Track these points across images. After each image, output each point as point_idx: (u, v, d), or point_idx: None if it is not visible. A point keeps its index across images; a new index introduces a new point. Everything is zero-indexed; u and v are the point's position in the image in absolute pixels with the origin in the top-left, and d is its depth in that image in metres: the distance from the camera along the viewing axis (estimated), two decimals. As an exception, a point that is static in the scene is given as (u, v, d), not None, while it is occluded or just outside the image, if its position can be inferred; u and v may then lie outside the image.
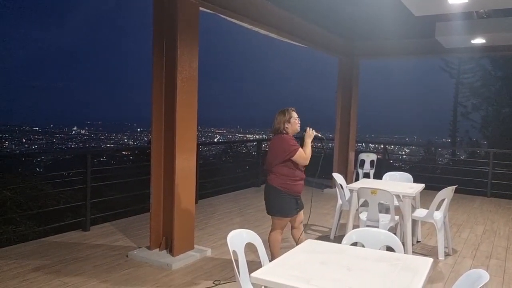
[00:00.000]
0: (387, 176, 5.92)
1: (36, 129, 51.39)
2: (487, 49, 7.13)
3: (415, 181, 5.69)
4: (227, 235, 2.67)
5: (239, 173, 11.34)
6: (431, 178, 9.39)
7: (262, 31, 6.16)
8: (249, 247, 2.78)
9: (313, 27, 7.31)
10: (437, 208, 4.85)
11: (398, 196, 4.70)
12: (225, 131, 58.86)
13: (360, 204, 4.83)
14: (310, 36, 7.34)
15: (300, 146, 3.86)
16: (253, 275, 2.22)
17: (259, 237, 2.85)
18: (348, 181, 7.65)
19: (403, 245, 2.89)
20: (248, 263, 2.74)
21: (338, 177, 5.50)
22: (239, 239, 2.74)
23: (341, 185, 5.44)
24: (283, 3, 6.13)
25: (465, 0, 4.05)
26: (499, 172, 9.06)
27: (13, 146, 39.44)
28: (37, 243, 4.89)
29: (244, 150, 13.82)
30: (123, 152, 15.96)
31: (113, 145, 44.05)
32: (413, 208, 4.99)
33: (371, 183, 5.37)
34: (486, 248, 5.21)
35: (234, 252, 2.63)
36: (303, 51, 8.72)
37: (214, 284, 3.90)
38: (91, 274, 4.01)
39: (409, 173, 5.93)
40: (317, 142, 4.24)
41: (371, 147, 12.08)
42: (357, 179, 8.44)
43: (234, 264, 2.55)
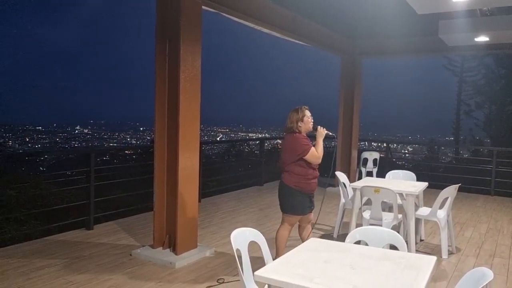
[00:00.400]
0: (390, 174, 5.91)
1: (40, 129, 51.58)
2: (490, 47, 7.11)
3: (418, 179, 5.67)
4: (230, 234, 2.68)
5: (241, 172, 11.35)
6: (434, 177, 9.36)
7: (265, 30, 6.16)
8: (252, 245, 2.78)
9: (316, 26, 7.30)
10: (441, 207, 4.84)
11: (401, 195, 4.69)
12: (227, 130, 58.91)
13: (363, 202, 4.83)
14: (313, 35, 7.33)
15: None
16: (257, 273, 2.22)
17: (262, 236, 2.86)
18: (351, 180, 7.65)
19: (406, 243, 2.88)
20: (252, 261, 2.74)
21: (341, 176, 5.50)
22: (242, 237, 2.74)
23: (344, 184, 5.44)
24: (285, 1, 6.13)
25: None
26: (502, 171, 9.03)
27: (17, 146, 39.59)
28: (41, 241, 4.91)
29: (247, 149, 13.83)
30: (125, 151, 16.00)
31: (116, 144, 44.18)
32: (416, 207, 4.98)
33: (374, 181, 5.37)
34: (490, 247, 5.20)
35: (238, 251, 2.64)
36: (306, 49, 8.73)
37: (218, 282, 3.91)
38: (95, 273, 4.03)
39: (412, 171, 5.92)
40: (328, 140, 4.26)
41: (374, 145, 12.05)
42: (360, 177, 8.44)
43: (238, 262, 2.56)
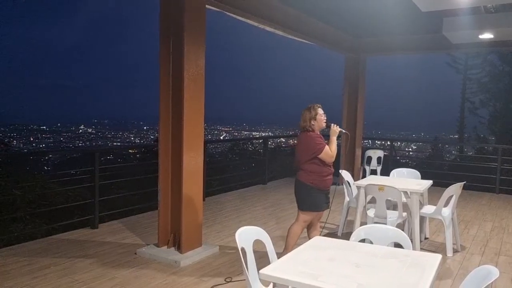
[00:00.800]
0: (395, 172, 5.90)
1: (44, 128, 51.81)
2: (495, 44, 7.07)
3: (423, 177, 5.66)
4: (234, 232, 2.68)
5: (245, 170, 11.34)
6: (438, 175, 9.33)
7: (268, 29, 6.15)
8: (257, 244, 2.78)
9: (320, 24, 7.29)
10: (445, 205, 4.82)
11: (405, 193, 4.68)
12: (231, 128, 58.92)
13: (367, 201, 4.82)
14: (317, 33, 7.32)
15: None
16: (262, 271, 2.23)
17: (267, 234, 2.86)
18: (355, 178, 7.63)
19: (411, 241, 2.88)
20: (256, 260, 2.74)
21: (345, 174, 5.49)
22: (247, 236, 2.74)
23: (348, 182, 5.43)
24: (289, 0, 6.11)
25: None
26: (508, 168, 9.00)
27: (21, 145, 39.78)
28: (46, 240, 4.94)
29: (251, 147, 13.81)
30: (130, 150, 16.03)
31: (119, 143, 44.30)
32: (421, 205, 4.97)
33: (379, 179, 5.36)
34: (495, 245, 5.18)
35: (243, 249, 2.64)
36: (310, 48, 8.72)
37: (226, 281, 3.91)
38: (100, 271, 4.04)
39: (416, 169, 5.91)
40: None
41: (378, 143, 12.01)
42: (364, 176, 8.43)
43: (243, 260, 2.56)
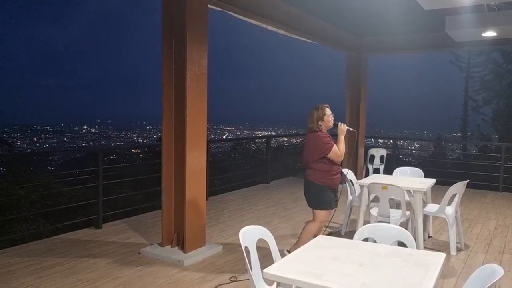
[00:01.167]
0: (398, 171, 5.89)
1: (47, 128, 52.00)
2: (498, 42, 7.05)
3: (426, 176, 5.65)
4: (238, 232, 2.69)
5: (248, 170, 11.35)
6: (441, 173, 9.31)
7: (270, 28, 6.15)
8: (259, 242, 2.79)
9: (322, 23, 7.28)
10: (449, 203, 4.82)
11: (409, 191, 4.68)
12: (233, 128, 58.94)
13: (370, 199, 4.82)
14: (319, 32, 7.31)
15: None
16: (265, 271, 2.23)
17: (270, 233, 2.87)
18: (358, 177, 7.62)
19: (414, 240, 2.87)
20: (259, 259, 2.75)
21: (348, 173, 5.48)
22: (250, 235, 2.75)
23: (351, 181, 5.43)
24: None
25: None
26: (511, 167, 8.95)
27: (25, 146, 39.94)
28: (50, 240, 4.96)
29: (253, 147, 13.81)
30: (133, 150, 16.06)
31: (123, 143, 44.40)
32: (424, 203, 4.96)
33: (382, 178, 5.35)
34: (499, 243, 5.17)
35: (246, 248, 2.65)
36: (312, 47, 8.71)
37: (231, 280, 3.92)
38: (104, 271, 4.06)
39: (419, 168, 5.89)
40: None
41: (380, 142, 12.00)
42: (367, 174, 8.41)
43: (246, 260, 2.57)
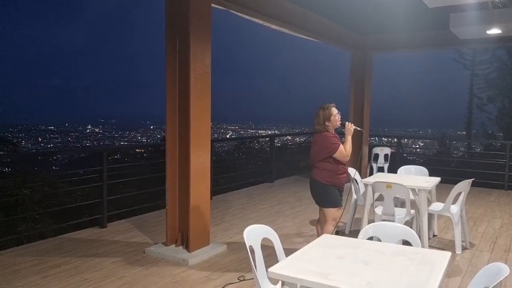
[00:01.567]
0: (402, 170, 5.87)
1: (52, 128, 52.26)
2: (503, 39, 7.01)
3: (430, 174, 5.63)
4: (242, 231, 2.69)
5: (252, 169, 11.36)
6: (446, 172, 9.26)
7: (274, 27, 6.14)
8: (264, 241, 2.79)
9: (326, 21, 7.26)
10: (454, 202, 4.79)
11: (413, 190, 4.66)
12: (237, 127, 59.00)
13: (375, 198, 4.81)
14: (323, 30, 7.29)
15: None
16: (270, 270, 2.23)
17: (274, 232, 2.87)
18: (362, 176, 7.61)
19: (419, 239, 2.86)
20: (264, 257, 2.75)
21: (352, 172, 5.47)
22: (255, 234, 2.75)
23: (355, 180, 5.41)
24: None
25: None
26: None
27: (30, 146, 40.15)
28: (55, 240, 4.99)
29: (257, 146, 13.82)
30: (137, 150, 16.11)
31: (126, 143, 44.54)
32: (429, 202, 4.94)
33: (386, 177, 5.34)
34: (504, 242, 5.14)
35: (251, 247, 2.65)
36: (316, 45, 8.68)
37: (239, 280, 3.92)
38: (109, 270, 4.07)
39: (424, 166, 5.87)
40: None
41: (385, 141, 11.98)
42: (371, 173, 8.39)
43: (251, 259, 2.57)
